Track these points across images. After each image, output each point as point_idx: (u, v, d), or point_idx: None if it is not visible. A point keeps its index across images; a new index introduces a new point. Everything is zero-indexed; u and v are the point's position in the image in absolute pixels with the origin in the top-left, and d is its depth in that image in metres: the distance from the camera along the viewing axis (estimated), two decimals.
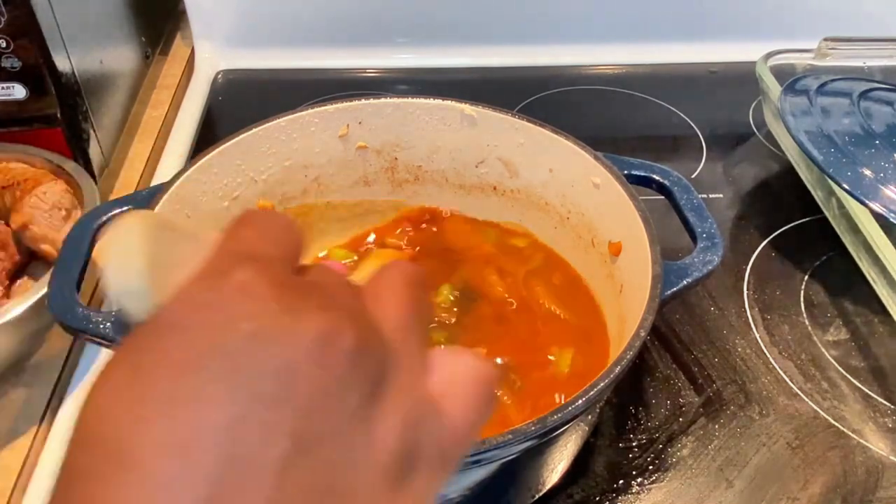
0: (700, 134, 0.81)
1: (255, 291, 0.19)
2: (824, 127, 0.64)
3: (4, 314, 0.49)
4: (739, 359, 0.57)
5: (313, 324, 0.19)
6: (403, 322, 0.22)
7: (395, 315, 0.22)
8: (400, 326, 0.22)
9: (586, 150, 0.52)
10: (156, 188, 0.49)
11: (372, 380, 0.20)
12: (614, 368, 0.39)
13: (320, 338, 0.19)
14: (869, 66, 0.79)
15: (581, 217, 0.54)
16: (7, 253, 0.57)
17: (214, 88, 0.86)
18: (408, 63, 0.90)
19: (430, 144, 0.58)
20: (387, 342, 0.21)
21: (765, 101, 0.77)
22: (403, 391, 0.20)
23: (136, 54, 0.81)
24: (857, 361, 0.58)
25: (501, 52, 0.90)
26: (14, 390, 0.53)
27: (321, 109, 0.55)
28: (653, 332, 0.48)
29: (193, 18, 0.87)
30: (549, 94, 0.85)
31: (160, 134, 0.78)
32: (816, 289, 0.63)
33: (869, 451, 0.52)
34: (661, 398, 0.55)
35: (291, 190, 0.57)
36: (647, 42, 0.91)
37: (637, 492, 0.49)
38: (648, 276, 0.44)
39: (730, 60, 0.89)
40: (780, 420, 0.53)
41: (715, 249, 0.46)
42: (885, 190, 0.59)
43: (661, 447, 0.51)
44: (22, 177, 0.59)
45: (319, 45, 0.89)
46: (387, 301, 0.22)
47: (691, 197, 0.50)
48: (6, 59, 0.58)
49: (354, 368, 0.19)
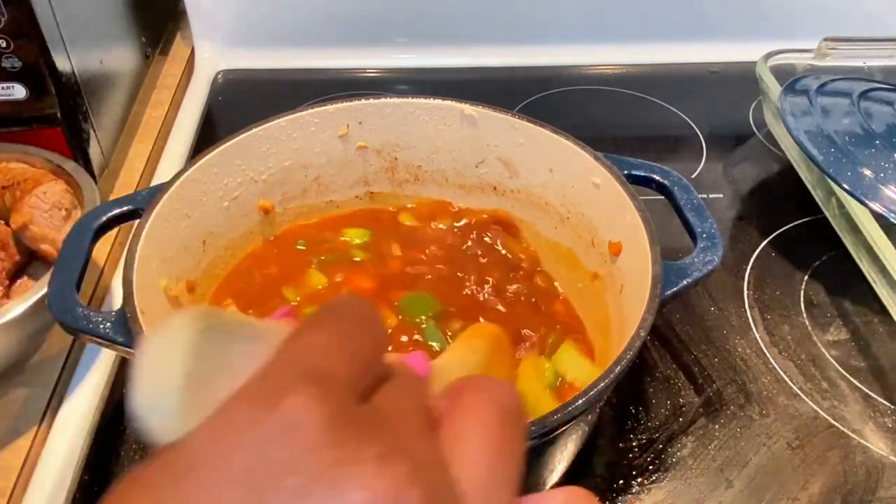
0: (700, 134, 0.81)
1: (306, 430, 0.16)
2: (824, 127, 0.64)
3: (4, 314, 0.49)
4: (739, 359, 0.57)
5: (367, 483, 0.16)
6: (487, 476, 0.18)
7: (477, 467, 0.18)
8: (482, 482, 0.18)
9: (586, 150, 0.52)
10: (156, 188, 0.49)
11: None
12: (614, 368, 0.39)
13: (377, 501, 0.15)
14: (869, 66, 0.79)
15: (581, 217, 0.54)
16: (7, 253, 0.57)
17: (214, 88, 0.86)
18: (408, 63, 0.90)
19: (430, 144, 0.58)
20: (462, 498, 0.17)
21: (765, 101, 0.77)
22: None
23: (136, 54, 0.81)
24: (857, 361, 0.58)
25: (501, 52, 0.90)
26: (14, 390, 0.53)
27: (321, 109, 0.55)
28: (653, 332, 0.48)
29: (193, 18, 0.87)
30: (549, 94, 0.85)
31: (160, 134, 0.78)
32: (816, 289, 0.63)
33: (869, 451, 0.52)
34: (661, 398, 0.55)
35: (291, 190, 0.57)
36: (647, 42, 0.91)
37: (637, 492, 0.49)
38: (648, 276, 0.44)
39: (730, 60, 0.89)
40: (780, 420, 0.53)
41: (715, 249, 0.46)
42: (885, 190, 0.59)
43: (661, 447, 0.51)
44: (22, 177, 0.59)
45: (319, 45, 0.89)
46: (469, 444, 0.18)
47: (691, 197, 0.50)
48: (6, 59, 0.58)
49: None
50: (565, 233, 0.56)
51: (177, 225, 0.49)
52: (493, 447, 0.18)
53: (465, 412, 0.19)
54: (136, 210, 0.48)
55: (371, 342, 0.19)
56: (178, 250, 0.50)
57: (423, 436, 0.18)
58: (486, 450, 0.18)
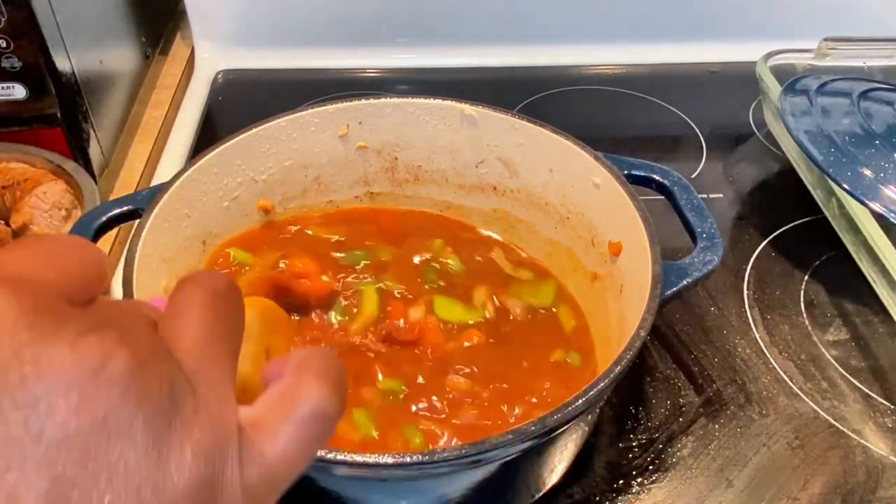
0: (700, 134, 0.81)
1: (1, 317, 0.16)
2: (824, 127, 0.64)
3: None
4: (739, 359, 0.57)
5: (68, 351, 0.16)
6: (202, 341, 0.19)
7: (192, 334, 0.19)
8: (197, 346, 0.19)
9: (586, 150, 0.52)
10: (156, 188, 0.49)
11: (156, 406, 0.17)
12: (614, 368, 0.39)
13: (77, 366, 0.16)
14: (869, 66, 0.79)
15: (581, 217, 0.54)
16: None
17: (214, 88, 0.86)
18: (408, 63, 0.90)
19: (430, 144, 0.58)
20: (179, 363, 0.18)
21: (765, 101, 0.77)
22: (201, 420, 0.18)
23: (136, 54, 0.81)
24: (857, 361, 0.58)
25: (501, 52, 0.90)
26: None
27: (321, 109, 0.55)
28: (653, 332, 0.48)
29: (193, 18, 0.87)
30: (549, 94, 0.85)
31: (160, 134, 0.78)
32: (816, 289, 0.63)
33: (869, 451, 0.52)
34: (661, 398, 0.55)
35: (291, 190, 0.57)
36: (647, 42, 0.91)
37: (637, 492, 0.49)
38: (648, 276, 0.44)
39: (730, 60, 0.89)
40: (780, 420, 0.53)
41: (715, 249, 0.46)
42: (885, 190, 0.59)
43: (661, 447, 0.51)
44: (22, 177, 0.59)
45: (319, 45, 0.89)
46: (183, 320, 0.20)
47: (691, 197, 0.50)
48: (6, 59, 0.58)
49: (129, 395, 0.16)
50: (565, 233, 0.56)
51: (177, 225, 0.49)
52: (206, 317, 0.20)
53: (178, 297, 0.20)
54: (136, 210, 0.48)
55: (81, 265, 0.20)
56: (178, 250, 0.50)
57: (138, 321, 0.19)
58: (200, 320, 0.20)
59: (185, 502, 0.17)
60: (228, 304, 0.21)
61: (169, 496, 0.17)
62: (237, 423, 0.19)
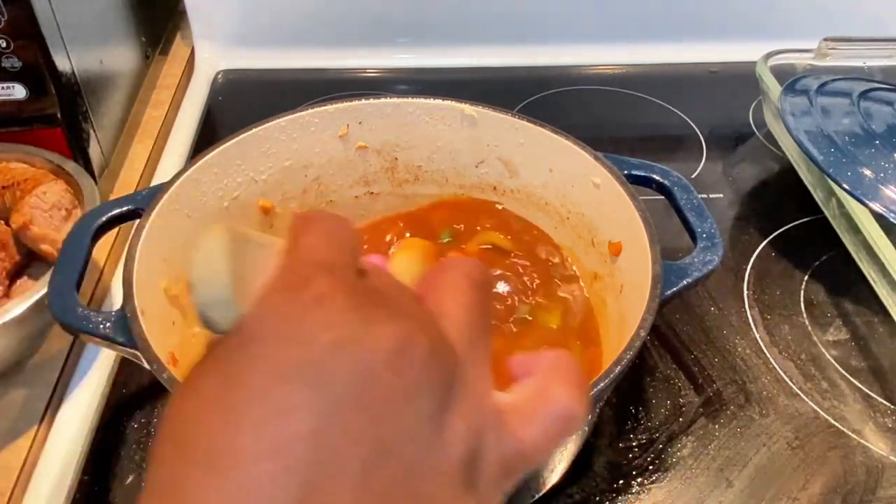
0: (700, 134, 0.81)
1: (333, 302, 0.20)
2: (824, 127, 0.64)
3: (4, 314, 0.49)
4: (739, 359, 0.57)
5: (389, 333, 0.20)
6: (468, 330, 0.22)
7: (460, 323, 0.22)
8: (465, 334, 0.22)
9: (586, 150, 0.52)
10: (156, 188, 0.49)
11: (442, 387, 0.20)
12: (614, 368, 0.39)
13: (396, 347, 0.20)
14: (869, 66, 0.79)
15: (581, 217, 0.54)
16: (7, 253, 0.57)
17: (214, 88, 0.86)
18: (408, 63, 0.90)
19: (430, 144, 0.58)
20: (456, 350, 0.22)
21: (765, 101, 0.77)
22: (469, 399, 0.21)
23: (136, 54, 0.81)
24: (857, 361, 0.58)
25: (501, 52, 0.90)
26: (14, 390, 0.53)
27: (321, 109, 0.55)
28: (653, 332, 0.48)
29: (193, 18, 0.87)
30: (549, 94, 0.85)
31: (160, 134, 0.78)
32: (816, 289, 0.63)
33: (869, 451, 0.52)
34: (661, 398, 0.55)
35: (291, 190, 0.57)
36: (647, 42, 0.91)
37: (637, 492, 0.49)
38: (648, 276, 0.44)
39: (730, 60, 0.89)
40: (780, 420, 0.53)
41: (715, 249, 0.46)
42: (885, 190, 0.59)
43: (661, 447, 0.51)
44: (22, 177, 0.59)
45: (319, 45, 0.89)
46: (451, 307, 0.23)
47: (691, 197, 0.50)
48: (6, 59, 0.58)
49: (428, 375, 0.20)
50: (565, 233, 0.56)
51: (177, 225, 0.49)
52: (470, 307, 0.23)
53: (442, 283, 0.24)
54: (136, 210, 0.48)
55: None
56: (178, 250, 0.50)
57: (415, 304, 0.23)
58: (465, 310, 0.23)
59: (456, 466, 0.20)
60: (485, 294, 0.24)
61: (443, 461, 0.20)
62: (494, 405, 0.22)
